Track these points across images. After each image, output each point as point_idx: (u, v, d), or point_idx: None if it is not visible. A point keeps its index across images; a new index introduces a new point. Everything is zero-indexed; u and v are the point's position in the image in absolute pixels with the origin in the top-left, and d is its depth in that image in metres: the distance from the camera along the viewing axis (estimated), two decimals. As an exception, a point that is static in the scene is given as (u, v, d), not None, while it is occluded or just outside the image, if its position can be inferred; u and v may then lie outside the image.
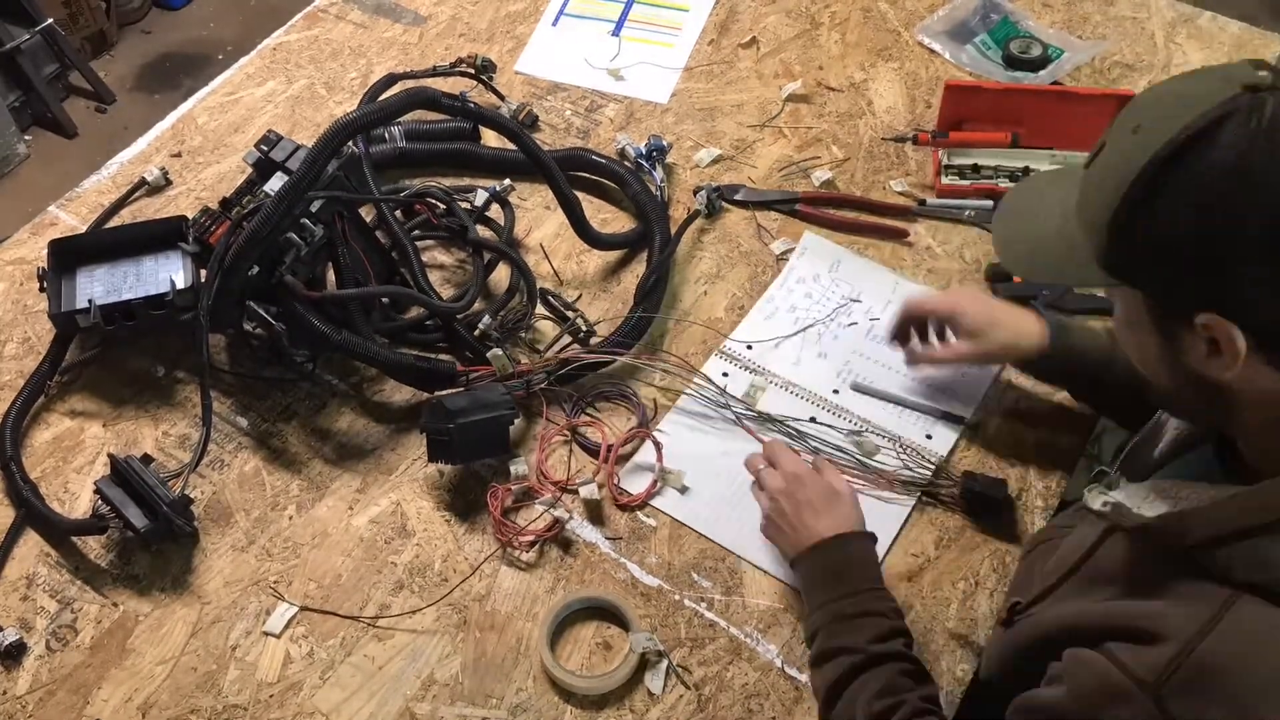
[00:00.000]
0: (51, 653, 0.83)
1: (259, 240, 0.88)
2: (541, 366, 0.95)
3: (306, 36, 1.35)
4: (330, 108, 1.26)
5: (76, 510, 0.92)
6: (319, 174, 0.89)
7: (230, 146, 1.21)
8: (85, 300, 0.98)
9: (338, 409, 0.99)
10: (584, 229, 1.05)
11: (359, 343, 0.93)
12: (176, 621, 0.85)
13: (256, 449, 0.96)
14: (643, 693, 0.81)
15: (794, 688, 0.82)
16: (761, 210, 1.14)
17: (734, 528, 0.90)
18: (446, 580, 0.87)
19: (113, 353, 1.02)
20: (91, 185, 1.17)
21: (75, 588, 0.87)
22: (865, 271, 1.09)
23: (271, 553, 0.89)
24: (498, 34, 1.35)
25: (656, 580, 0.87)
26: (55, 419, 0.98)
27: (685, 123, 1.24)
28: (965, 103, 1.16)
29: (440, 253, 1.12)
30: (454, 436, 0.87)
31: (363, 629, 0.85)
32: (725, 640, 0.84)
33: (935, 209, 1.13)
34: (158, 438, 0.97)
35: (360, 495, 0.93)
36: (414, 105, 0.95)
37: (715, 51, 1.32)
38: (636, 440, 0.95)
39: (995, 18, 1.33)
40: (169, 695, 0.81)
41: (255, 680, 0.82)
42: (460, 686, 0.82)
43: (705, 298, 1.08)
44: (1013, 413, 0.98)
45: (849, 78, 1.28)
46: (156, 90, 2.46)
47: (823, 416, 0.97)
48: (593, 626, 0.85)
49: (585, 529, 0.91)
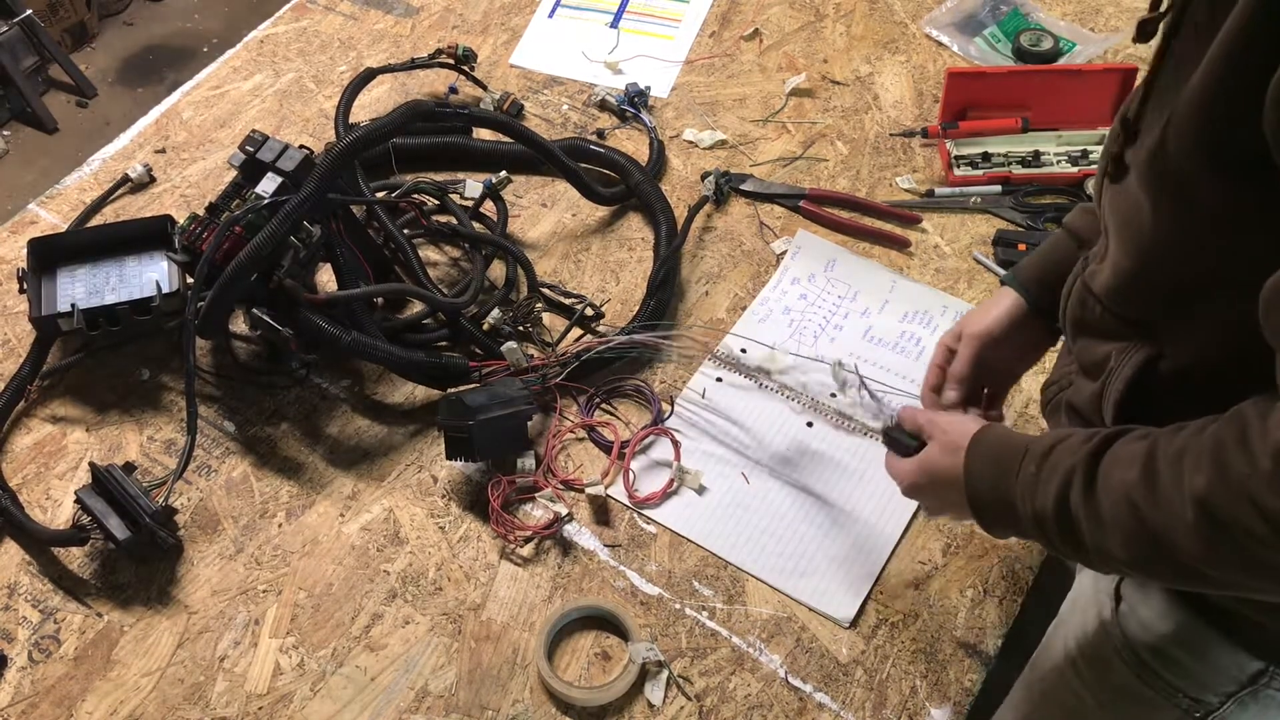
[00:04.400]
0: (34, 664, 0.82)
1: (260, 258, 0.86)
2: (556, 359, 0.94)
3: (295, 28, 1.32)
4: (319, 102, 1.23)
5: (59, 518, 0.90)
6: (325, 194, 0.89)
7: (216, 142, 1.19)
8: (67, 303, 0.96)
9: (328, 413, 0.97)
10: (590, 192, 1.08)
11: (369, 343, 0.91)
12: (163, 632, 0.83)
13: (244, 454, 0.94)
14: (643, 704, 0.80)
15: (798, 698, 0.80)
16: (765, 204, 1.12)
17: (731, 538, 0.88)
18: (441, 589, 0.86)
19: (96, 356, 1.00)
20: (73, 182, 1.15)
21: (58, 597, 0.85)
22: (862, 271, 1.07)
23: (260, 561, 0.87)
24: (492, 26, 1.32)
25: (657, 589, 0.86)
26: (36, 424, 0.96)
27: (686, 117, 1.22)
28: (968, 90, 1.15)
29: (431, 250, 1.10)
30: (473, 433, 0.86)
31: (355, 639, 0.83)
32: (727, 650, 0.82)
33: (943, 198, 1.12)
34: (142, 443, 0.95)
35: (352, 502, 0.91)
36: (412, 119, 0.96)
37: (716, 44, 1.30)
38: (651, 438, 0.94)
39: (1005, 9, 1.31)
40: (155, 707, 0.80)
41: (244, 692, 0.80)
42: (455, 698, 0.80)
43: (707, 298, 1.06)
44: (1021, 416, 0.96)
45: (854, 71, 1.26)
46: (139, 84, 2.43)
47: (821, 420, 0.95)
48: (591, 636, 0.83)
49: (584, 536, 0.89)
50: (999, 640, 0.83)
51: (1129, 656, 0.71)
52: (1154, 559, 0.54)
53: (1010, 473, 0.61)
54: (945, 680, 0.81)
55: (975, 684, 0.81)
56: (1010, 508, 0.61)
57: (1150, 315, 0.60)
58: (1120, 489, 0.54)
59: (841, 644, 0.83)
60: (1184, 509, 0.51)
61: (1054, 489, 0.58)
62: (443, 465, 0.93)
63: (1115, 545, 0.55)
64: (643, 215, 1.12)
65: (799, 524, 0.89)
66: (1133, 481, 0.54)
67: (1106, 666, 0.73)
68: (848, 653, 0.82)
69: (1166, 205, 0.55)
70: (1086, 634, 0.75)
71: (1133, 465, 0.54)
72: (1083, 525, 0.57)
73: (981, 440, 0.65)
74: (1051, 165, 1.14)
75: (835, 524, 0.89)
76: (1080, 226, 0.77)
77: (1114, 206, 0.61)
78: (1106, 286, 0.62)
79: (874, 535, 0.88)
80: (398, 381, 0.99)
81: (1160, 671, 0.70)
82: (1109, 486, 0.55)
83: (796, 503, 0.90)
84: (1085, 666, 0.76)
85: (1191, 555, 0.52)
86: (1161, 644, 0.69)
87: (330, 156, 0.89)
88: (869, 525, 0.88)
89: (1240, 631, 0.65)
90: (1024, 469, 0.60)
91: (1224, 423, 0.51)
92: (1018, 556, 0.87)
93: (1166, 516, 0.52)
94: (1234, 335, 0.54)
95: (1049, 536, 0.59)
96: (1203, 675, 0.68)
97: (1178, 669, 0.69)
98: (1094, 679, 0.76)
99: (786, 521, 0.89)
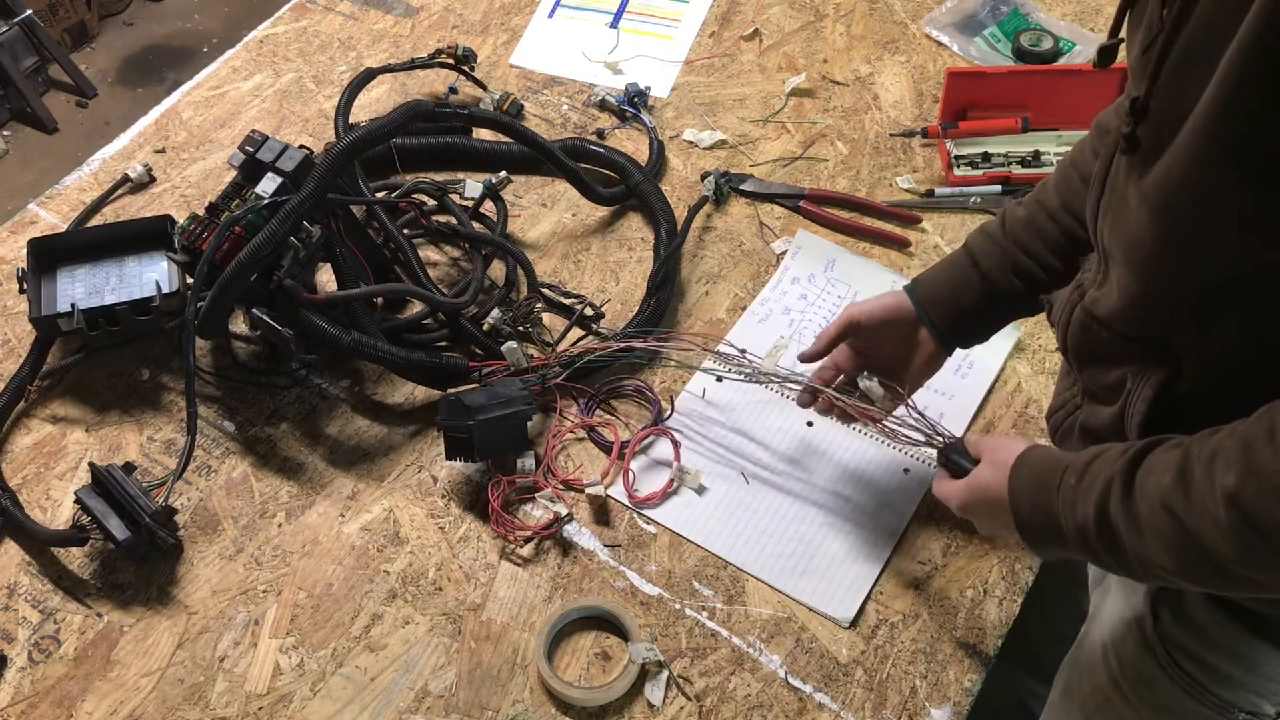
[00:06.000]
0: (34, 664, 0.82)
1: (260, 259, 0.86)
2: (556, 359, 0.94)
3: (295, 29, 1.32)
4: (319, 102, 1.23)
5: (59, 518, 0.90)
6: (325, 194, 0.89)
7: (216, 142, 1.19)
8: (67, 303, 0.96)
9: (328, 413, 0.97)
10: (590, 192, 1.08)
11: (370, 343, 0.91)
12: (163, 632, 0.83)
13: (244, 454, 0.94)
14: (643, 704, 0.80)
15: (797, 699, 0.80)
16: (765, 204, 1.12)
17: (731, 538, 0.88)
18: (441, 589, 0.85)
19: (96, 356, 1.00)
20: (73, 182, 1.15)
21: (58, 597, 0.85)
22: (862, 271, 1.07)
23: (260, 561, 0.87)
24: (492, 26, 1.32)
25: (656, 589, 0.86)
26: (36, 424, 0.96)
27: (685, 117, 1.22)
28: (968, 90, 1.15)
29: (431, 250, 1.10)
30: (473, 434, 0.86)
31: (354, 639, 0.83)
32: (727, 650, 0.82)
33: (943, 198, 1.12)
34: (142, 443, 0.95)
35: (352, 502, 0.91)
36: (412, 119, 0.96)
37: (716, 44, 1.30)
38: (651, 438, 0.94)
39: (1005, 10, 1.31)
40: (155, 708, 0.79)
41: (244, 692, 0.80)
42: (455, 698, 0.80)
43: (706, 298, 1.06)
44: (1021, 418, 0.96)
45: (854, 71, 1.26)
46: (139, 84, 2.43)
47: (821, 420, 0.95)
48: (591, 636, 0.83)
49: (584, 536, 0.89)
50: (999, 640, 0.83)
51: (1176, 674, 0.70)
52: (1195, 564, 0.54)
53: (1051, 488, 0.61)
54: (945, 680, 0.81)
55: (975, 684, 0.81)
56: (1054, 523, 0.61)
57: (1166, 331, 0.60)
58: (1157, 494, 0.54)
59: (841, 644, 0.82)
60: (1216, 508, 0.51)
61: (1094, 499, 0.58)
62: (443, 465, 0.93)
63: (1157, 552, 0.55)
64: (643, 215, 1.12)
65: (799, 524, 0.89)
66: (1168, 486, 0.54)
67: (1152, 685, 0.72)
68: (848, 653, 0.82)
69: (1180, 222, 0.54)
70: (1128, 653, 0.74)
71: (1168, 471, 0.54)
72: (1123, 534, 0.57)
73: (1026, 459, 0.66)
74: (1051, 165, 1.13)
75: (835, 524, 0.89)
76: (976, 247, 0.80)
77: (1115, 231, 0.60)
78: (1114, 311, 0.62)
79: (874, 535, 0.88)
80: (398, 381, 0.99)
81: (1211, 687, 0.69)
82: (1146, 493, 0.55)
83: (796, 503, 0.90)
84: (1130, 688, 0.75)
85: (1228, 557, 0.52)
86: (1209, 659, 0.68)
87: (330, 156, 0.89)
88: (869, 525, 0.88)
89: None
90: (1064, 482, 0.61)
91: (1253, 421, 0.52)
92: (1018, 557, 0.87)
93: (1201, 519, 0.52)
94: (1255, 340, 0.55)
95: (1093, 549, 0.59)
96: (1256, 686, 0.67)
97: (1229, 683, 0.68)
98: (1140, 699, 0.74)
99: (786, 521, 0.89)
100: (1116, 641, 0.75)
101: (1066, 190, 0.75)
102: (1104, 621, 0.77)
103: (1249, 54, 0.46)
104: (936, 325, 0.81)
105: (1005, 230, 0.78)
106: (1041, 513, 0.62)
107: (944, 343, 0.82)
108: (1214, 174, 0.51)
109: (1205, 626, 0.67)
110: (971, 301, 0.80)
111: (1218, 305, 0.56)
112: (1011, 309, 0.81)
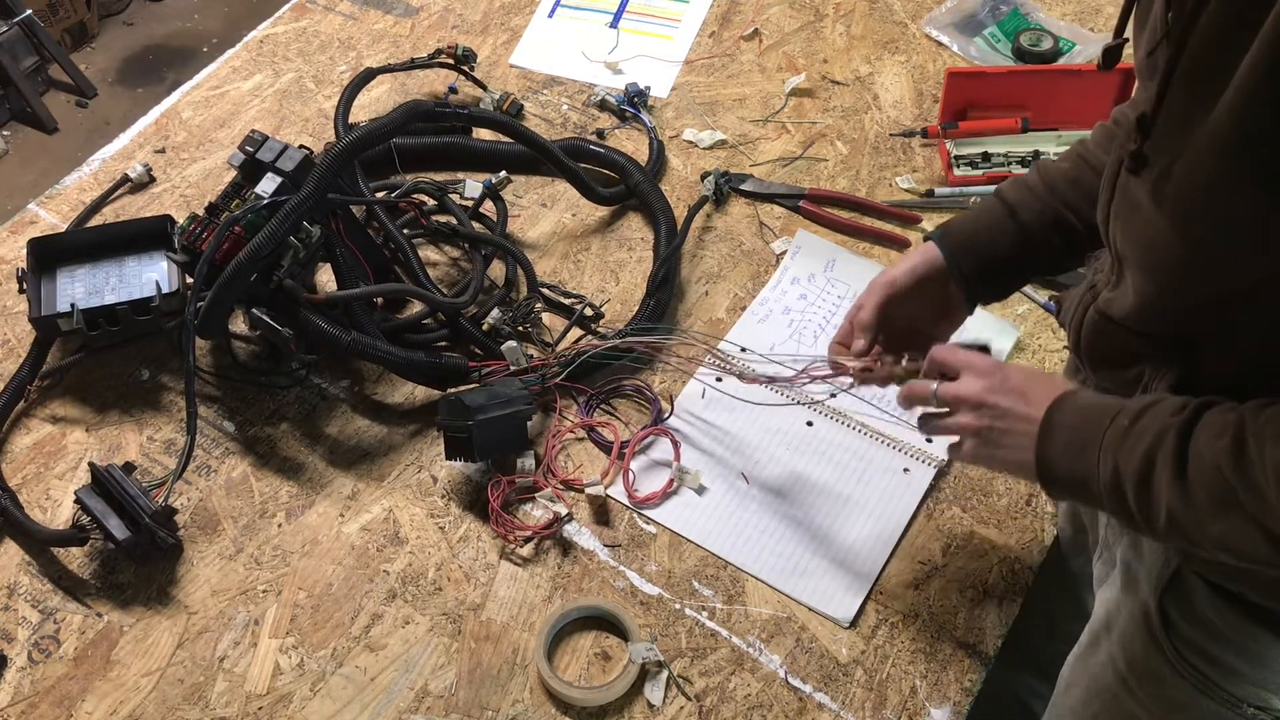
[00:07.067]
0: (33, 664, 0.82)
1: (260, 258, 0.86)
2: (556, 358, 0.94)
3: (294, 28, 1.32)
4: (319, 102, 1.23)
5: (59, 518, 0.90)
6: (325, 194, 0.89)
7: (216, 142, 1.19)
8: (67, 303, 0.96)
9: (328, 413, 0.97)
10: (590, 192, 1.08)
11: (370, 343, 0.91)
12: (162, 632, 0.83)
13: (244, 454, 0.94)
14: (642, 704, 0.80)
15: (797, 699, 0.80)
16: (765, 204, 1.12)
17: (731, 538, 0.88)
18: (440, 589, 0.86)
19: (95, 356, 1.00)
20: (72, 182, 1.15)
21: (58, 597, 0.85)
22: (862, 271, 1.07)
23: (260, 561, 0.87)
24: (492, 26, 1.32)
25: (656, 589, 0.86)
26: (36, 424, 0.96)
27: (685, 117, 1.22)
28: (968, 90, 1.15)
29: (431, 250, 1.10)
30: (473, 434, 0.86)
31: (354, 639, 0.83)
32: (727, 650, 0.82)
33: (943, 198, 1.12)
34: (142, 443, 0.95)
35: (351, 502, 0.91)
36: (412, 119, 0.96)
37: (716, 44, 1.30)
38: (651, 438, 0.94)
39: (1005, 9, 1.31)
40: (155, 707, 0.79)
41: (244, 692, 0.80)
42: (455, 698, 0.80)
43: (706, 298, 1.06)
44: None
45: (854, 71, 1.26)
46: (139, 84, 2.43)
47: (821, 420, 0.95)
48: (591, 636, 0.83)
49: (584, 536, 0.89)
50: (999, 640, 0.83)
51: (1184, 669, 0.70)
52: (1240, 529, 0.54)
53: (1099, 424, 0.60)
54: (945, 680, 0.81)
55: (975, 684, 0.81)
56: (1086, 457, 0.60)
57: (1186, 328, 0.60)
58: (1209, 455, 0.55)
59: (841, 644, 0.83)
60: (1268, 483, 0.52)
61: (1145, 443, 0.58)
62: (443, 465, 0.93)
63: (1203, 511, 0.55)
64: (642, 215, 1.12)
65: (799, 524, 0.89)
66: (1224, 448, 0.54)
67: (1160, 681, 0.72)
68: (848, 653, 0.82)
69: (1199, 233, 0.54)
70: (1135, 650, 0.73)
71: (1224, 434, 0.55)
72: (1162, 486, 0.56)
73: (1075, 394, 0.64)
74: (1051, 165, 1.14)
75: (835, 524, 0.89)
76: (1013, 198, 0.77)
77: (1128, 235, 0.60)
78: (1130, 311, 0.62)
79: (874, 535, 0.88)
80: (398, 381, 0.99)
81: (1219, 682, 0.68)
82: (1198, 450, 0.56)
83: (796, 503, 0.90)
84: (1138, 685, 0.74)
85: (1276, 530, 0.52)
86: (1217, 654, 0.68)
87: (330, 156, 0.89)
88: (869, 525, 0.88)
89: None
90: (1116, 422, 0.60)
91: None
92: (1018, 557, 0.87)
93: (1254, 489, 0.53)
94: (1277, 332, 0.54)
95: (1121, 492, 0.59)
96: (1265, 681, 0.67)
97: (1238, 678, 0.68)
98: (1148, 695, 0.74)
99: (786, 521, 0.89)
100: (1123, 638, 0.75)
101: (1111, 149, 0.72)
102: (1110, 618, 0.77)
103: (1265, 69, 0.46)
104: (965, 274, 0.77)
105: (1046, 183, 0.76)
106: (1077, 444, 0.61)
107: (968, 293, 0.78)
108: (1234, 187, 0.50)
109: (1213, 622, 0.67)
110: (1005, 251, 0.76)
111: (1239, 304, 0.56)
112: (1039, 265, 0.78)
